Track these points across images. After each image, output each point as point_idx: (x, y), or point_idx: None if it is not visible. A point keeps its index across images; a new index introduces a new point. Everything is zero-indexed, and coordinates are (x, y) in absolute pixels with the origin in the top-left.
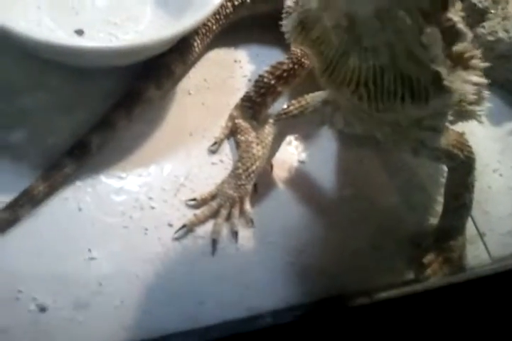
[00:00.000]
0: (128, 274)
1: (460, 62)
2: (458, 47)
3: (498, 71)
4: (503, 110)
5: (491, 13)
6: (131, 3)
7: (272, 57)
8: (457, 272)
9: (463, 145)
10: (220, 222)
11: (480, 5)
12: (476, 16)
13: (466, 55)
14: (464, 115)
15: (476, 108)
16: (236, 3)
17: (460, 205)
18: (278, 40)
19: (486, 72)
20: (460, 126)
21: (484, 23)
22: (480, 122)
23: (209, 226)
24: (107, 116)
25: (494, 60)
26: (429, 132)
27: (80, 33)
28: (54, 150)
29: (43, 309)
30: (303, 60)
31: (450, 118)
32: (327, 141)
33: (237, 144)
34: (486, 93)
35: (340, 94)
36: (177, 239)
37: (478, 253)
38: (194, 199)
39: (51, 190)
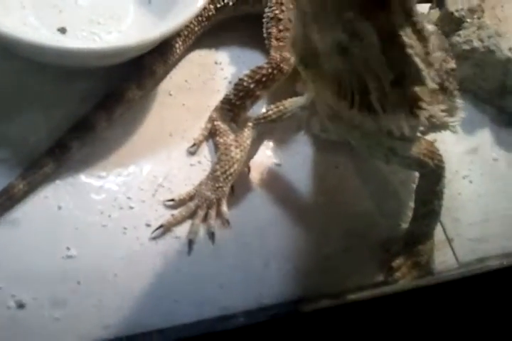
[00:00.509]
0: (106, 272)
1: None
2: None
3: (472, 80)
4: (474, 118)
5: (467, 22)
6: (114, 2)
7: (252, 59)
8: (425, 276)
9: (433, 153)
10: (197, 223)
11: (456, 14)
12: (452, 25)
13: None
14: (437, 126)
15: (450, 119)
16: (218, 5)
17: (429, 211)
18: (259, 42)
19: (460, 81)
20: (432, 134)
21: (460, 32)
22: (454, 132)
23: (186, 226)
24: (88, 117)
25: (468, 68)
26: (400, 141)
27: (62, 31)
28: (34, 150)
29: (21, 305)
30: (282, 65)
31: (421, 128)
32: (303, 146)
33: (216, 146)
34: (460, 102)
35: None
36: (154, 238)
37: (446, 259)
38: (172, 200)
39: (31, 189)
